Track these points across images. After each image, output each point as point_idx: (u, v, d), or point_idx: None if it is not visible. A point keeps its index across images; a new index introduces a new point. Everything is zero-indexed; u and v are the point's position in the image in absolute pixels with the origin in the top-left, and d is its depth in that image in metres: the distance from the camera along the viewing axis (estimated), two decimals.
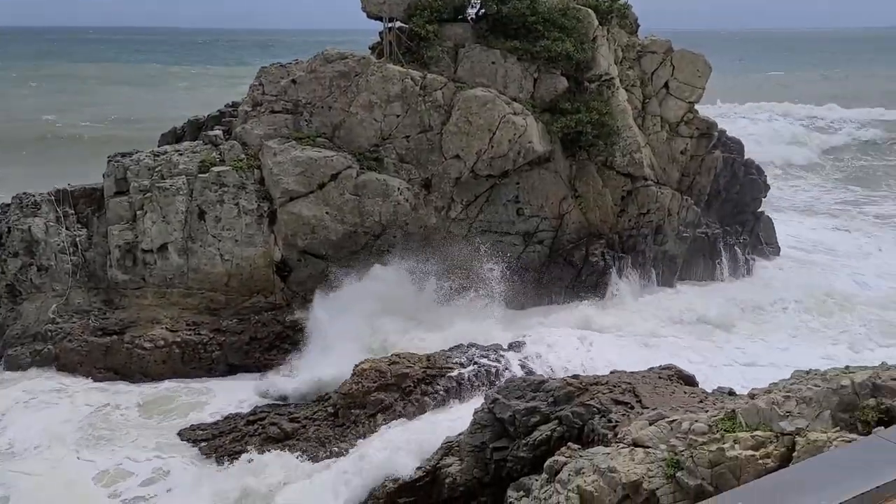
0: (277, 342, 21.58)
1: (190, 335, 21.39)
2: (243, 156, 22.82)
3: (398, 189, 22.86)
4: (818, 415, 8.25)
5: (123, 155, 23.38)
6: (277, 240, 22.66)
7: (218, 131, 23.85)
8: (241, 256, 22.31)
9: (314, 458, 16.50)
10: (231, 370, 21.18)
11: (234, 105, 25.90)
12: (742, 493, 4.42)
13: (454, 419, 15.54)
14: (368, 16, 24.83)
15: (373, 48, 25.82)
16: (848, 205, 41.64)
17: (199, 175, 22.30)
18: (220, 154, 22.86)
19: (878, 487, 4.23)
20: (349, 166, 22.73)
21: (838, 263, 30.58)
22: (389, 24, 24.59)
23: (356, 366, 17.91)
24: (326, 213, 22.56)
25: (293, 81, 23.43)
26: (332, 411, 17.69)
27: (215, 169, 22.28)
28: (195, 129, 25.97)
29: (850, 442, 6.59)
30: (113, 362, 20.94)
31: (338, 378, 18.46)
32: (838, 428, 7.80)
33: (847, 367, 9.36)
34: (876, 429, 6.31)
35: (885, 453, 4.52)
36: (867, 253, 32.21)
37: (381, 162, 23.17)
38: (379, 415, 17.22)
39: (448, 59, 24.31)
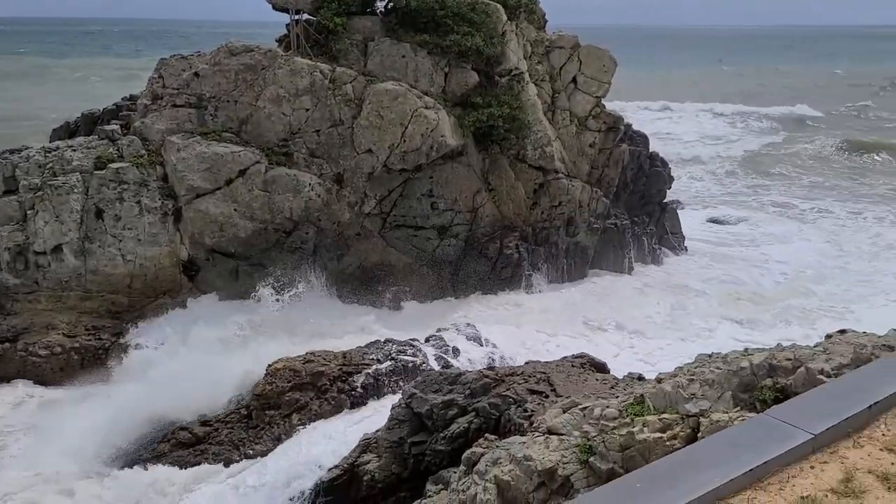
0: None
1: (89, 340, 20.34)
2: (144, 151, 21.79)
3: (309, 184, 22.40)
4: (720, 396, 8.53)
5: (12, 152, 21.87)
6: (184, 238, 21.79)
7: (115, 126, 22.67)
8: (145, 256, 21.34)
9: (227, 462, 16.02)
10: None
11: (132, 98, 24.70)
12: (643, 473, 4.53)
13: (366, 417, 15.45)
14: (274, 7, 24.17)
15: (279, 41, 25.20)
16: (749, 196, 43.81)
17: (96, 172, 21.15)
18: (117, 150, 21.74)
19: (766, 462, 4.46)
20: (258, 161, 22.09)
21: (741, 252, 32.14)
22: (296, 17, 24.04)
23: (269, 366, 17.47)
24: (235, 209, 21.85)
25: (196, 74, 22.53)
26: (246, 413, 17.20)
27: (113, 165, 21.18)
28: (90, 123, 24.63)
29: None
30: (6, 371, 19.80)
31: None
32: (739, 408, 8.11)
33: (746, 350, 9.74)
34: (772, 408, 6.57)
35: (774, 431, 4.75)
36: (769, 241, 33.91)
37: (290, 157, 22.63)
38: (294, 415, 16.86)
39: (357, 52, 23.98)
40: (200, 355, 19.04)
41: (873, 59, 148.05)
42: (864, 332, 8.92)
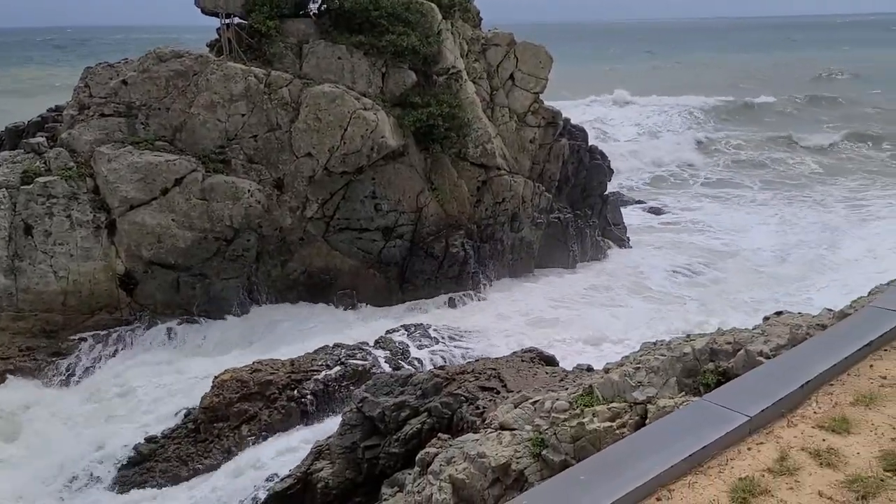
0: None
1: (24, 362, 19.50)
2: (72, 164, 21.04)
3: (248, 191, 22.00)
4: (665, 382, 8.71)
5: None
6: (119, 251, 21.14)
7: (41, 138, 21.85)
8: (79, 272, 20.61)
9: (176, 479, 15.61)
10: None
11: (58, 109, 23.83)
12: (588, 465, 4.60)
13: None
14: (203, 11, 23.61)
15: (210, 45, 24.64)
16: (686, 186, 44.84)
17: (23, 187, 20.34)
18: (44, 163, 20.96)
19: (705, 447, 4.58)
20: (194, 169, 21.57)
21: (684, 240, 32.86)
22: (227, 21, 23.54)
23: (216, 377, 17.10)
24: (172, 219, 21.30)
25: (124, 82, 21.85)
26: (193, 427, 16.79)
27: (41, 179, 20.40)
28: (14, 136, 23.69)
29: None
30: None
31: None
32: (683, 393, 8.30)
33: (688, 336, 9.97)
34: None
35: (712, 415, 4.89)
36: (711, 229, 34.56)
37: (228, 163, 22.18)
38: (244, 426, 16.54)
39: (292, 55, 23.66)
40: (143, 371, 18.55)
41: (803, 48, 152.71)
42: (800, 313, 9.24)
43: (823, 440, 4.82)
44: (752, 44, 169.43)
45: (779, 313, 9.59)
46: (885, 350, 5.96)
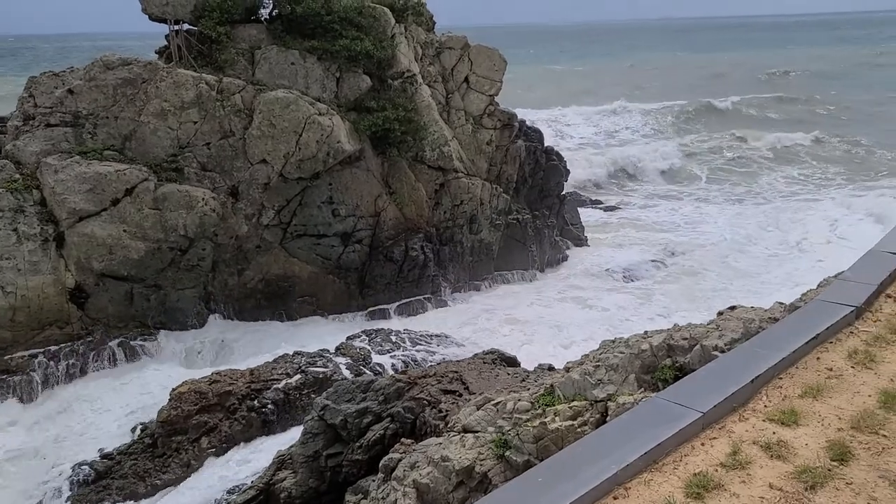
0: None
1: None
2: (18, 175, 20.41)
3: (203, 199, 21.62)
4: (625, 379, 8.84)
5: None
6: (69, 264, 20.56)
7: None
8: (27, 287, 19.97)
9: (134, 496, 15.26)
10: None
11: (2, 120, 23.05)
12: (545, 467, 4.63)
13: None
14: (151, 18, 23.14)
15: (160, 52, 24.15)
16: (629, 188, 45.50)
17: None
18: None
19: (660, 444, 4.67)
20: (146, 179, 21.12)
21: (639, 239, 33.33)
22: (176, 27, 23.10)
23: (173, 389, 16.77)
24: (124, 230, 20.81)
25: (70, 91, 21.26)
26: (151, 442, 16.43)
27: None
28: None
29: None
30: None
31: None
32: (642, 389, 8.45)
33: (646, 332, 10.11)
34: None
35: (666, 412, 4.97)
36: (667, 227, 35.17)
37: (181, 172, 21.77)
38: (203, 438, 16.26)
39: (244, 61, 23.35)
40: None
41: (758, 47, 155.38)
42: (752, 307, 9.47)
43: (773, 433, 4.95)
44: (706, 44, 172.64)
45: (732, 308, 9.81)
46: (831, 342, 6.15)
